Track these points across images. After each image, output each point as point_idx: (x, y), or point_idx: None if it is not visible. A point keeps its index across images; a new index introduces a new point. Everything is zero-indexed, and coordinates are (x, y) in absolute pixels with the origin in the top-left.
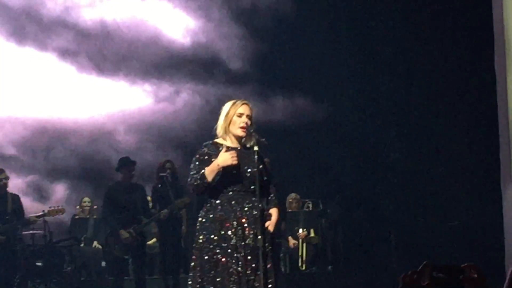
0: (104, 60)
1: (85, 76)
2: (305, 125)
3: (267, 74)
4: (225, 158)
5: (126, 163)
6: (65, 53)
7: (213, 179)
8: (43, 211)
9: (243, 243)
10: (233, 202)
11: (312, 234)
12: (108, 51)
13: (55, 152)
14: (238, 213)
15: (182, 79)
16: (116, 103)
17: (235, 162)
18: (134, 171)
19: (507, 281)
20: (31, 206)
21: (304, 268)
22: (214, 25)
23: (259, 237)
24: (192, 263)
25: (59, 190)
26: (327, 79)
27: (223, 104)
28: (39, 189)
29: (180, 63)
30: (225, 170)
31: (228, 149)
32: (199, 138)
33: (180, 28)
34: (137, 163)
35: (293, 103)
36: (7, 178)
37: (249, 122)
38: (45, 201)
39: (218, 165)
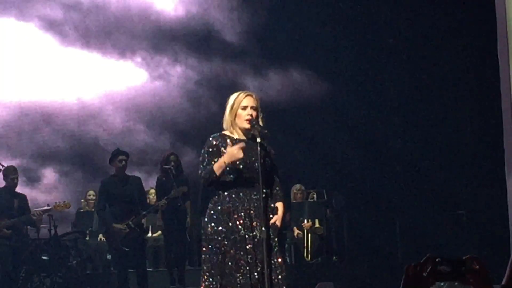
0: (91, 34)
1: (70, 50)
2: (305, 107)
3: (263, 48)
4: (230, 155)
5: (117, 155)
6: (50, 24)
7: (221, 173)
8: (48, 205)
9: (251, 234)
10: (241, 194)
11: (317, 225)
12: (95, 24)
13: (42, 134)
14: (246, 205)
15: (174, 53)
16: (104, 80)
17: (240, 155)
18: (126, 162)
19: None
20: (21, 191)
21: (309, 258)
22: None
23: (263, 228)
24: (203, 256)
25: (49, 174)
26: (327, 55)
27: (218, 80)
28: (27, 173)
29: (172, 36)
30: (233, 162)
31: (235, 141)
32: (192, 120)
33: None
34: (126, 144)
35: (289, 79)
36: (17, 177)
37: (254, 114)
38: (35, 184)
39: (225, 162)
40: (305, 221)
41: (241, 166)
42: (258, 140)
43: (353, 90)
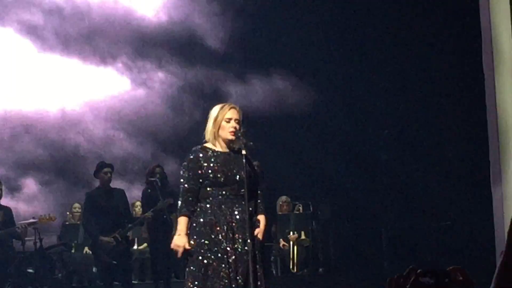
0: (71, 39)
1: (48, 56)
2: (289, 116)
3: (246, 53)
4: (177, 243)
5: (102, 167)
6: (29, 29)
7: None
8: (33, 217)
9: (233, 247)
10: (223, 206)
11: (303, 237)
12: (76, 30)
13: (22, 143)
14: (228, 217)
15: (156, 60)
16: (85, 87)
17: (179, 253)
18: (111, 174)
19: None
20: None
21: (295, 270)
22: (189, 0)
23: (248, 241)
24: (187, 269)
25: (30, 183)
26: (311, 62)
27: (201, 86)
28: (8, 182)
29: (154, 42)
30: (214, 175)
31: (217, 153)
32: (175, 128)
33: (153, 4)
34: (108, 154)
35: (272, 85)
36: (1, 189)
37: (237, 127)
38: (16, 194)
39: (176, 236)
40: (291, 233)
41: (222, 179)
42: (244, 152)
43: (338, 99)
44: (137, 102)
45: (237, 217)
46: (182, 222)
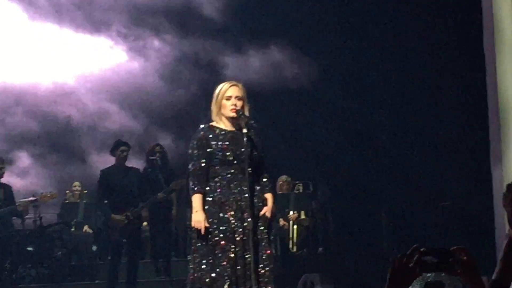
0: (63, 7)
1: (40, 24)
2: (288, 91)
3: (243, 23)
4: (195, 220)
5: (118, 145)
6: None
7: None
8: (34, 195)
9: (241, 225)
10: (231, 185)
11: (302, 216)
12: None
13: (13, 115)
14: (237, 196)
15: (151, 29)
16: (77, 58)
17: (199, 226)
18: (127, 153)
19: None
20: None
21: (294, 250)
22: None
23: (249, 219)
24: (192, 247)
25: (22, 157)
26: (311, 33)
27: (197, 58)
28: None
29: (149, 11)
30: (223, 153)
31: (223, 132)
32: (170, 100)
33: None
34: (100, 126)
35: (270, 57)
36: (3, 167)
37: (238, 104)
38: (9, 167)
39: (193, 212)
40: (291, 212)
41: (231, 158)
42: (245, 131)
43: (339, 75)
44: (131, 74)
45: (246, 195)
46: (197, 199)
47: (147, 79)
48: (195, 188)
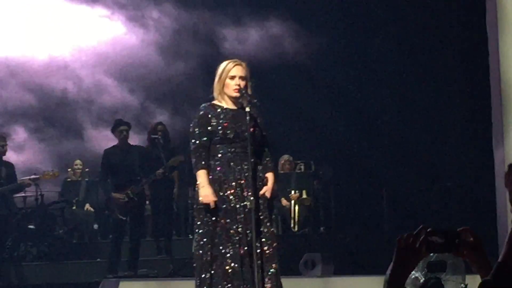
0: None
1: None
2: (288, 67)
3: None
4: (203, 195)
5: (117, 125)
6: None
7: None
8: (35, 173)
9: (242, 204)
10: (232, 164)
11: (304, 196)
12: None
13: (7, 88)
14: (237, 175)
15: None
16: (73, 29)
17: (207, 201)
18: (127, 133)
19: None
20: None
21: (296, 229)
22: None
23: (252, 198)
24: (195, 226)
25: (19, 130)
26: (313, 9)
27: (196, 30)
28: None
29: None
30: (224, 131)
31: (225, 110)
32: (168, 76)
33: None
34: (97, 103)
35: (270, 32)
36: (5, 145)
37: (242, 83)
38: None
39: (200, 187)
40: (293, 191)
41: (232, 136)
42: (247, 109)
43: (340, 52)
44: (129, 47)
45: (246, 174)
46: (202, 175)
47: (144, 52)
48: (198, 165)
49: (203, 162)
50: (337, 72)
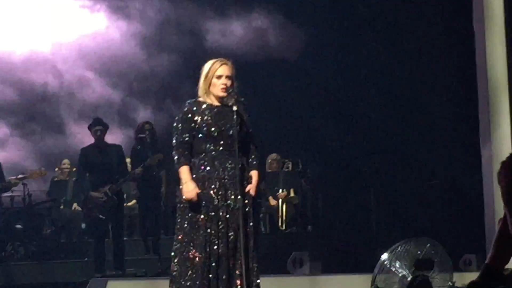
0: None
1: None
2: (272, 61)
3: None
4: (185, 190)
5: (93, 125)
6: None
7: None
8: (23, 173)
9: (224, 203)
10: (215, 162)
11: (292, 194)
12: None
13: None
14: (220, 173)
15: None
16: (54, 21)
17: (190, 197)
18: (101, 132)
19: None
20: None
21: (284, 228)
22: None
23: (239, 197)
24: (177, 225)
25: (1, 127)
26: (300, 1)
27: (180, 22)
28: None
29: None
30: (208, 128)
31: (210, 107)
32: (150, 68)
33: None
34: (78, 98)
35: (254, 25)
36: None
37: (228, 83)
38: None
39: (183, 183)
40: (280, 190)
41: (215, 134)
42: (235, 108)
43: (326, 46)
44: (111, 40)
45: (230, 173)
46: (184, 171)
47: (126, 45)
48: (180, 161)
49: (184, 158)
50: (323, 67)
